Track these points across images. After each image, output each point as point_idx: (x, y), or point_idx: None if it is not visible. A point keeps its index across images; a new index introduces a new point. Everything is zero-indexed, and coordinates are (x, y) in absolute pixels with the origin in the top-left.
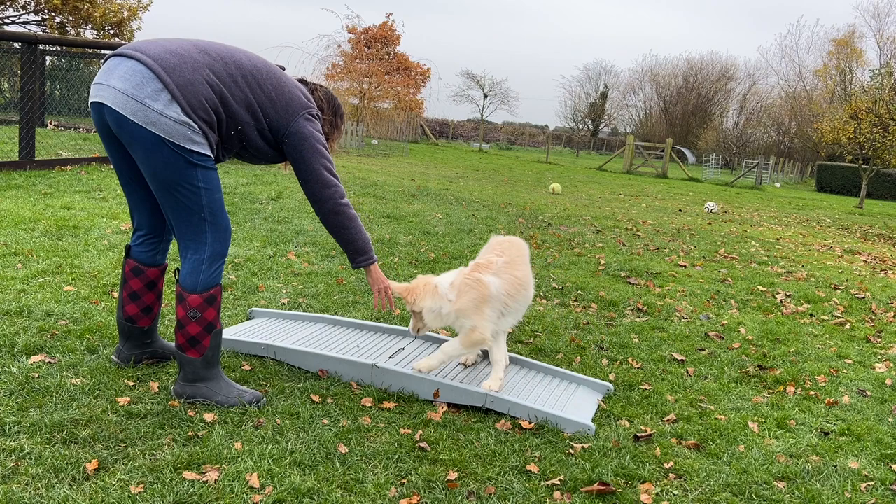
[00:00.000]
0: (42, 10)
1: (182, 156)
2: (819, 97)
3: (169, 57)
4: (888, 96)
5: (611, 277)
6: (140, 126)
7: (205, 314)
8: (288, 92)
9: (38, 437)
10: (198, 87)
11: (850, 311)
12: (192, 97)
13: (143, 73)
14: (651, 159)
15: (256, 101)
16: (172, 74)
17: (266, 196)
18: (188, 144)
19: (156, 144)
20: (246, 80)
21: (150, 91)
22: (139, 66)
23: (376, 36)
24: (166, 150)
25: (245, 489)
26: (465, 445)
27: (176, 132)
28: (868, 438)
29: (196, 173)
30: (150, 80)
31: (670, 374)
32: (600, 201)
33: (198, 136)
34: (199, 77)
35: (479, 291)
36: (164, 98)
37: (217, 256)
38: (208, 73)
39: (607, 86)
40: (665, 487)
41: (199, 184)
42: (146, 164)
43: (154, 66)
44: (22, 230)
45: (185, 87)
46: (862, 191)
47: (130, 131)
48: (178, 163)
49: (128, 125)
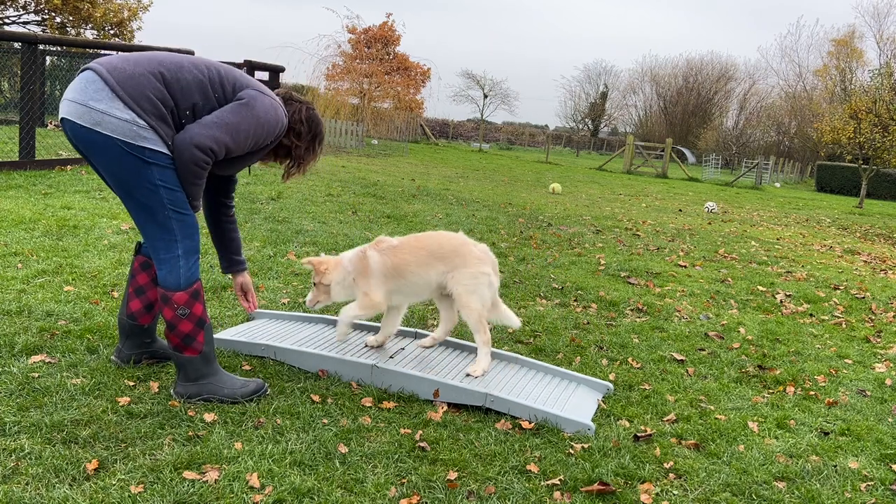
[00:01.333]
0: (42, 10)
1: (134, 155)
2: (819, 97)
3: (116, 60)
4: (888, 96)
5: (611, 277)
6: (88, 129)
7: (193, 310)
8: (240, 75)
9: (39, 437)
10: (139, 79)
11: (850, 311)
12: (134, 90)
13: (88, 77)
14: (651, 159)
15: (207, 78)
16: (113, 72)
17: (266, 196)
18: (137, 141)
19: (108, 147)
20: (194, 63)
21: (92, 92)
22: (88, 73)
23: (376, 36)
24: (118, 150)
25: (245, 489)
26: (465, 445)
27: (122, 130)
28: (868, 438)
29: (152, 172)
30: (92, 82)
31: (670, 374)
32: (600, 201)
33: (147, 132)
34: (142, 70)
35: (364, 264)
36: (106, 96)
37: (191, 251)
38: (155, 65)
39: (607, 86)
40: (665, 487)
41: (156, 182)
42: (105, 170)
43: (98, 68)
44: (22, 230)
45: (126, 81)
46: (862, 191)
47: (83, 138)
48: (133, 163)
49: (79, 132)
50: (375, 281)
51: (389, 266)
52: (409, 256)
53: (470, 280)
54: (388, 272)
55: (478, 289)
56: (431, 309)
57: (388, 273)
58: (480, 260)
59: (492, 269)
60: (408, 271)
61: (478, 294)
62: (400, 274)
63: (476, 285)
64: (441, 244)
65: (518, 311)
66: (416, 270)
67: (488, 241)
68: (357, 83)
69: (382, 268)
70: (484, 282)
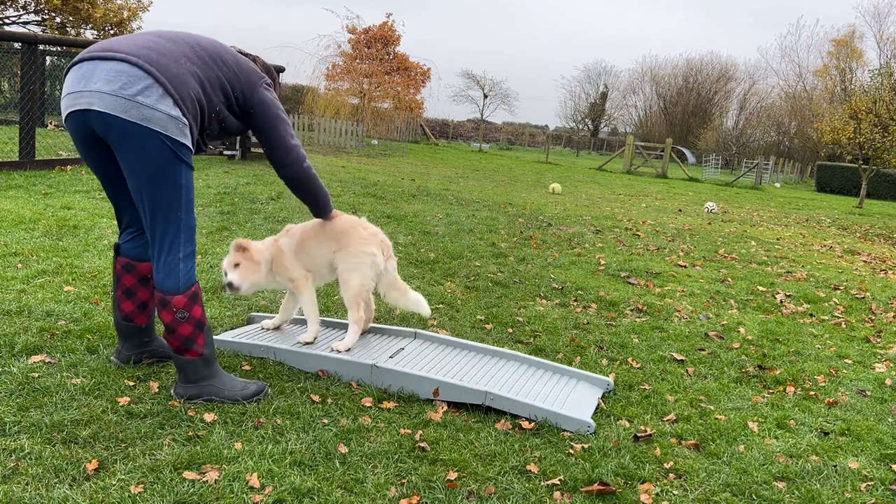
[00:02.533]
0: (42, 10)
1: (173, 150)
2: (819, 97)
3: (147, 52)
4: (888, 96)
5: (611, 277)
6: (133, 123)
7: (192, 313)
8: (246, 65)
9: (39, 437)
10: (185, 78)
11: (850, 311)
12: (182, 90)
13: (129, 71)
14: (651, 159)
15: (226, 79)
16: (159, 68)
17: (266, 196)
18: (180, 137)
19: (148, 139)
20: (213, 60)
21: (141, 88)
22: (122, 65)
23: (376, 36)
24: (159, 143)
25: (245, 489)
26: (465, 445)
27: (169, 125)
28: (868, 438)
29: (181, 170)
30: (139, 78)
31: (670, 374)
32: (600, 201)
33: (186, 130)
34: (183, 69)
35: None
36: (156, 93)
37: (191, 255)
38: (186, 62)
39: (607, 86)
40: (665, 487)
41: (181, 181)
42: (134, 160)
43: (139, 62)
44: (22, 230)
45: (174, 80)
46: (862, 191)
47: (122, 130)
48: (169, 157)
49: (118, 124)
50: (290, 262)
51: (295, 243)
52: (310, 234)
53: (352, 259)
54: (295, 249)
55: (359, 268)
56: (431, 309)
57: (295, 250)
58: (365, 240)
59: (378, 250)
60: (308, 246)
61: (358, 273)
62: (302, 249)
63: (357, 264)
64: (334, 225)
65: (518, 310)
66: (315, 247)
67: (488, 241)
68: (357, 83)
69: (293, 247)
70: (366, 261)
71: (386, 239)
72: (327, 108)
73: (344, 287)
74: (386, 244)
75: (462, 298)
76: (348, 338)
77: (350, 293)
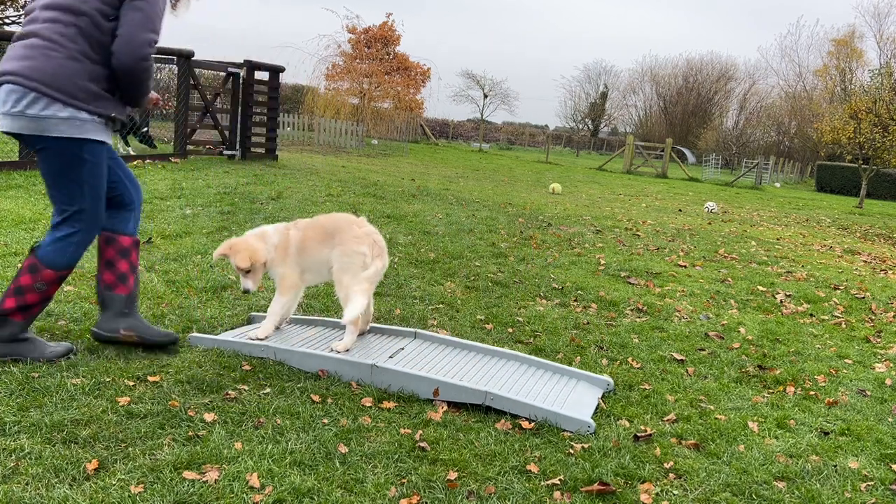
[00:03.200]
0: None
1: (73, 150)
2: (819, 97)
3: (26, 64)
4: (888, 96)
5: (611, 277)
6: (33, 136)
7: (49, 290)
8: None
9: (38, 437)
10: (65, 69)
11: (850, 311)
12: (65, 85)
13: (15, 90)
14: (651, 159)
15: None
16: (40, 78)
17: (266, 196)
18: (78, 134)
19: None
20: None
21: (28, 102)
22: (8, 86)
23: (376, 36)
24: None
25: (245, 489)
26: (465, 445)
27: (63, 126)
28: (868, 438)
29: (83, 167)
30: (24, 94)
31: (670, 374)
32: (600, 201)
33: (89, 124)
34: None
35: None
36: (42, 102)
37: (87, 243)
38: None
39: (607, 86)
40: (665, 487)
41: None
42: (43, 164)
43: (18, 80)
44: (22, 230)
45: (53, 82)
46: (862, 191)
47: (29, 143)
48: (69, 158)
49: (26, 139)
50: (291, 260)
51: (299, 239)
52: (311, 233)
53: (344, 258)
54: (298, 246)
55: (350, 267)
56: (431, 309)
57: (299, 247)
58: (358, 239)
59: (369, 251)
60: (309, 247)
61: (350, 272)
62: (304, 247)
63: (349, 263)
64: (332, 223)
65: (518, 310)
66: (315, 247)
67: (488, 241)
68: (357, 83)
69: (297, 245)
70: (357, 261)
71: (380, 240)
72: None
73: (338, 286)
74: (378, 244)
75: (462, 298)
76: (346, 338)
77: (343, 292)
